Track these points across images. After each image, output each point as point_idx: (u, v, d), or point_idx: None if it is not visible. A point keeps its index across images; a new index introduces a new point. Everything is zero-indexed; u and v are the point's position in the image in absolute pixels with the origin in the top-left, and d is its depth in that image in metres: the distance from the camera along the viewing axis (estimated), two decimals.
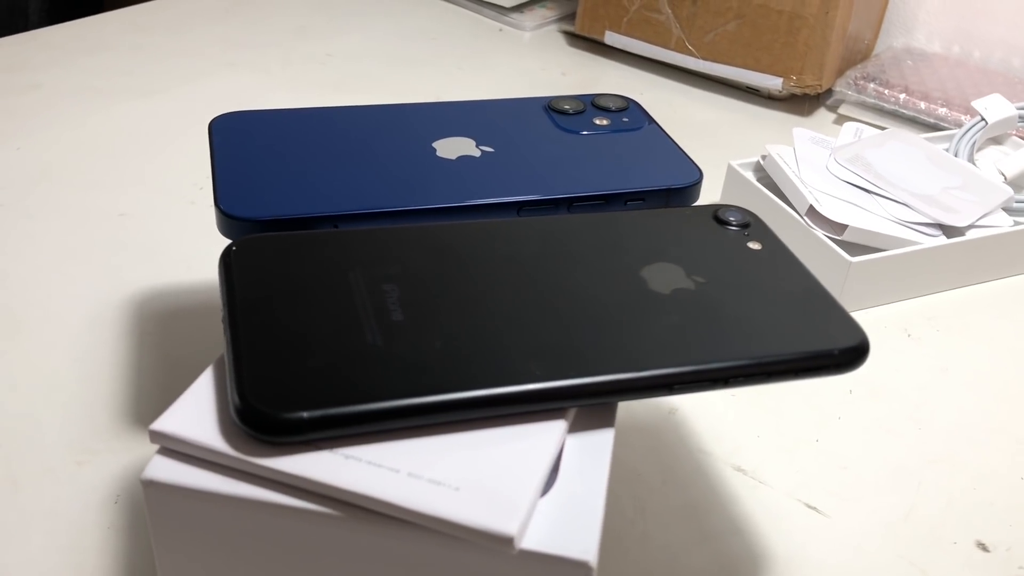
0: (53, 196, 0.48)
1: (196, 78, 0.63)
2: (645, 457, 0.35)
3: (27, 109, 0.56)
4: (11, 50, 0.65)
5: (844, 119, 0.64)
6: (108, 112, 0.57)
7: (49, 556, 0.29)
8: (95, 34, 0.68)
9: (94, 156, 0.52)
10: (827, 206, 0.45)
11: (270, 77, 0.64)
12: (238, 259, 0.26)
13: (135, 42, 0.68)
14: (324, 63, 0.67)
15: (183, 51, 0.67)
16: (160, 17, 0.73)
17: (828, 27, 0.61)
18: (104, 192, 0.49)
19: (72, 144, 0.53)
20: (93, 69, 0.62)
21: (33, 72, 0.61)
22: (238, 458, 0.22)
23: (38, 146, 0.52)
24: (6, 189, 0.48)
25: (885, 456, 0.36)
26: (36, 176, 0.50)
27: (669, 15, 0.67)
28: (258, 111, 0.35)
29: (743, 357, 0.25)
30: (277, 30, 0.72)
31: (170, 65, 0.64)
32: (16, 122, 0.55)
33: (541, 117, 0.37)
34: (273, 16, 0.75)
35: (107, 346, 0.38)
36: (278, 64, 0.66)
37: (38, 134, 0.54)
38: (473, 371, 0.23)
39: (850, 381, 0.40)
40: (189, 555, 0.23)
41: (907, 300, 0.46)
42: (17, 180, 0.49)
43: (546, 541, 0.21)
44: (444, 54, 0.71)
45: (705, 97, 0.67)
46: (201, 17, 0.73)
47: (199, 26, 0.72)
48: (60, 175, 0.50)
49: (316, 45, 0.70)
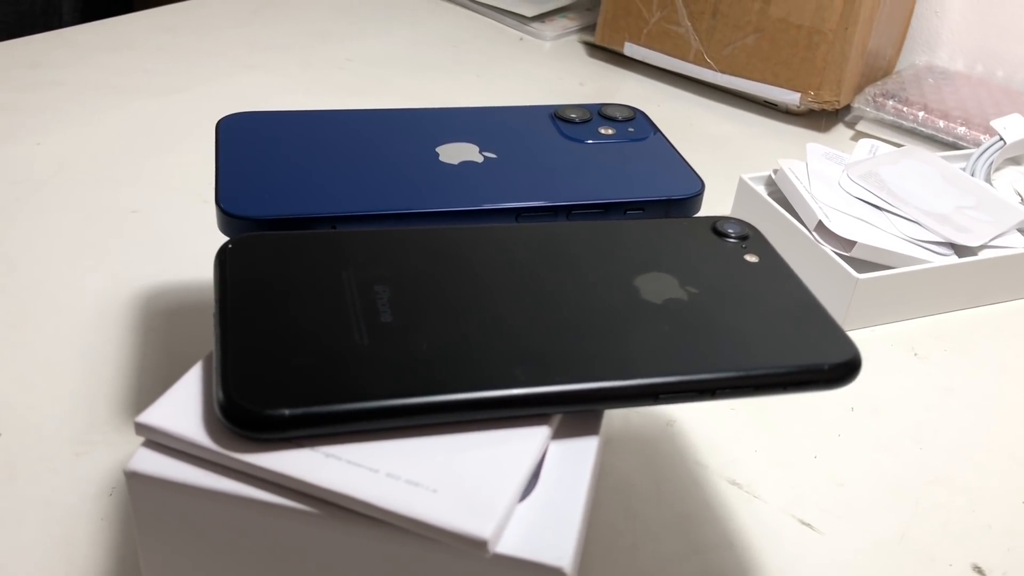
0: (67, 191, 0.49)
1: (216, 79, 0.64)
2: (639, 468, 0.35)
3: (49, 105, 0.57)
4: (38, 47, 0.66)
5: (862, 136, 0.63)
6: (127, 110, 0.58)
7: (41, 545, 0.30)
8: (120, 33, 0.69)
9: (110, 152, 0.53)
10: (836, 222, 0.45)
11: (289, 80, 0.65)
12: (233, 257, 0.26)
13: (159, 42, 0.69)
14: (343, 67, 0.68)
15: (205, 52, 0.68)
16: (186, 18, 0.74)
17: (847, 43, 0.61)
18: (118, 188, 0.49)
19: (89, 140, 0.54)
20: (115, 67, 0.63)
21: (57, 69, 0.62)
22: (220, 453, 0.22)
23: (56, 141, 0.53)
24: (22, 183, 0.49)
25: (883, 474, 0.36)
26: (52, 171, 0.50)
27: (688, 28, 0.66)
28: (265, 112, 0.35)
29: (730, 369, 0.25)
30: (300, 33, 0.73)
31: (191, 65, 0.65)
32: (38, 117, 0.56)
33: (547, 125, 0.37)
34: (297, 20, 0.76)
35: (112, 340, 0.39)
36: (298, 67, 0.67)
37: (58, 130, 0.55)
38: (457, 374, 0.23)
39: (852, 398, 0.40)
40: (171, 546, 0.23)
41: (915, 319, 0.45)
42: (34, 174, 0.50)
43: (521, 546, 0.21)
44: (463, 61, 0.71)
45: (723, 111, 0.67)
46: (227, 19, 0.74)
47: (224, 28, 0.72)
48: (76, 170, 0.51)
49: (336, 49, 0.71)
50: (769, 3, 0.62)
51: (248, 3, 0.78)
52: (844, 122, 0.66)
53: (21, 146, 0.52)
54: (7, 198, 0.48)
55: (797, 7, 0.61)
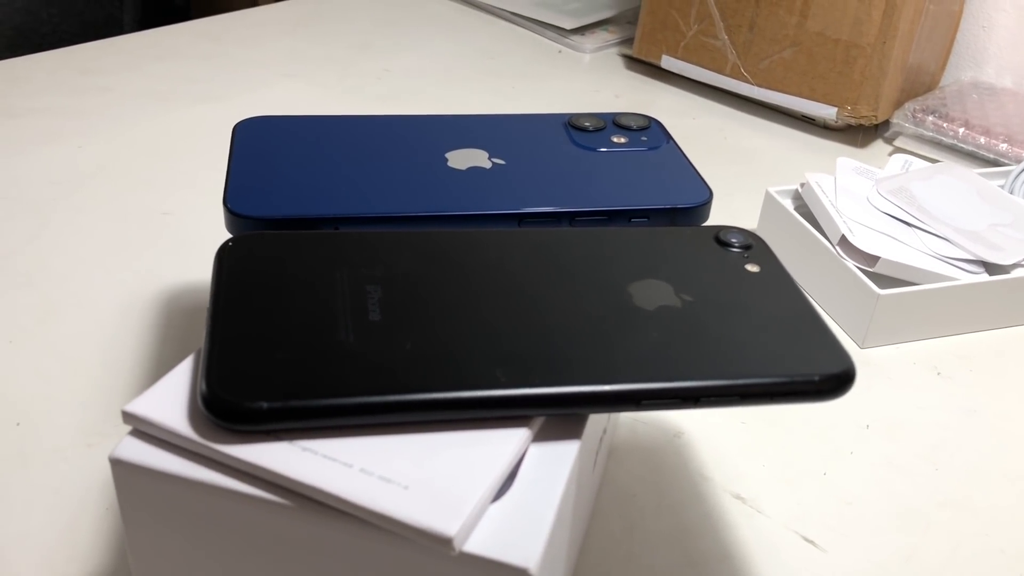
0: (103, 192, 0.50)
1: (256, 88, 0.65)
2: (643, 479, 0.35)
3: (93, 110, 0.59)
4: (89, 55, 0.68)
5: (901, 152, 0.62)
6: (167, 116, 0.59)
7: (47, 531, 0.30)
8: (168, 42, 0.71)
9: (147, 156, 0.54)
10: (860, 237, 0.44)
11: (326, 90, 0.66)
12: (232, 254, 0.27)
13: (204, 51, 0.70)
14: (380, 78, 0.69)
15: (248, 61, 0.69)
16: (232, 28, 0.75)
17: (885, 57, 0.60)
18: (152, 191, 0.51)
19: (129, 144, 0.55)
20: (160, 75, 0.65)
21: (105, 76, 0.64)
22: (200, 443, 0.22)
23: (97, 145, 0.55)
24: (61, 184, 0.51)
25: (894, 494, 0.35)
26: (91, 173, 0.52)
27: (725, 41, 0.66)
28: (282, 116, 0.36)
29: (715, 377, 0.24)
30: (341, 45, 0.74)
31: (233, 74, 0.67)
32: (82, 121, 0.58)
33: (559, 133, 0.37)
34: (339, 32, 0.77)
35: (132, 336, 0.40)
36: (336, 77, 0.68)
37: (99, 134, 0.56)
38: (437, 373, 0.23)
39: (868, 416, 0.39)
40: (154, 532, 0.24)
41: (941, 338, 0.44)
42: (73, 176, 0.51)
43: (489, 545, 0.21)
44: (500, 73, 0.71)
45: (759, 124, 0.66)
46: (271, 30, 0.76)
47: (267, 39, 0.74)
48: (113, 173, 0.52)
49: (375, 60, 0.72)
50: (806, 17, 0.62)
51: (293, 15, 0.80)
52: (883, 138, 0.65)
53: (64, 148, 0.54)
54: (45, 197, 0.49)
55: (835, 21, 0.61)
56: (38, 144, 0.55)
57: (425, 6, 0.85)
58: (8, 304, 0.41)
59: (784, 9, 0.62)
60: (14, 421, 0.35)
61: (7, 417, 0.35)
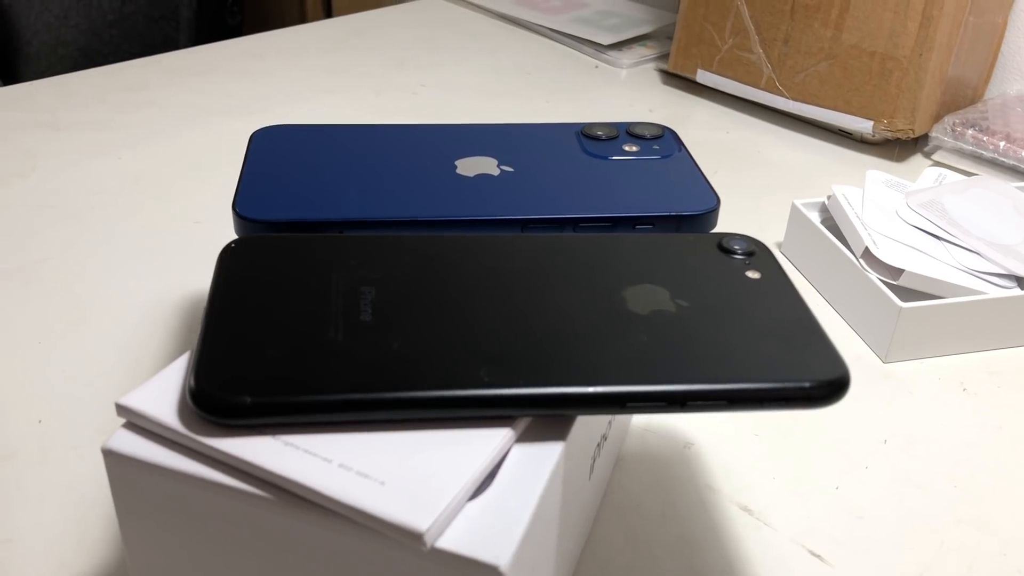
0: (138, 201, 0.52)
1: (294, 102, 0.66)
2: (648, 488, 0.34)
3: (136, 123, 0.61)
4: (136, 71, 0.70)
5: (940, 166, 0.61)
6: (206, 129, 0.61)
7: (57, 525, 0.31)
8: (212, 59, 0.73)
9: (184, 168, 0.56)
10: (884, 249, 0.43)
11: (362, 104, 0.67)
12: (233, 255, 0.28)
13: (246, 67, 0.72)
14: (416, 93, 0.70)
15: (288, 77, 0.71)
16: (275, 46, 0.77)
17: (922, 70, 0.59)
18: (185, 200, 0.52)
19: (167, 156, 0.57)
20: (202, 90, 0.67)
21: (151, 91, 0.66)
22: (187, 436, 0.23)
23: (137, 157, 0.57)
24: (99, 194, 0.52)
25: (909, 511, 0.34)
26: (128, 183, 0.54)
27: (760, 55, 0.66)
28: (298, 125, 0.37)
29: (702, 381, 0.24)
30: (379, 61, 0.75)
31: (272, 89, 0.68)
32: (123, 134, 0.59)
33: (571, 142, 0.37)
34: (379, 49, 0.78)
35: (156, 341, 0.41)
36: (373, 93, 0.69)
37: (139, 146, 0.58)
38: (420, 372, 0.24)
39: (886, 430, 0.38)
40: (146, 522, 0.24)
41: (969, 353, 0.43)
42: (111, 186, 0.53)
43: (462, 542, 0.21)
44: (535, 88, 0.72)
45: (794, 138, 0.66)
46: (313, 47, 0.78)
47: (309, 55, 0.76)
48: (149, 183, 0.54)
49: (412, 76, 0.73)
50: (842, 30, 0.61)
51: (334, 33, 0.81)
52: (922, 152, 0.63)
53: (105, 160, 0.56)
54: (84, 207, 0.51)
55: (870, 33, 0.60)
56: (82, 156, 0.56)
57: (464, 23, 0.86)
58: (41, 307, 0.42)
59: (819, 22, 0.62)
60: (36, 418, 0.36)
61: (30, 414, 0.36)
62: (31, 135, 0.59)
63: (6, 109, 0.62)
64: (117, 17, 1.25)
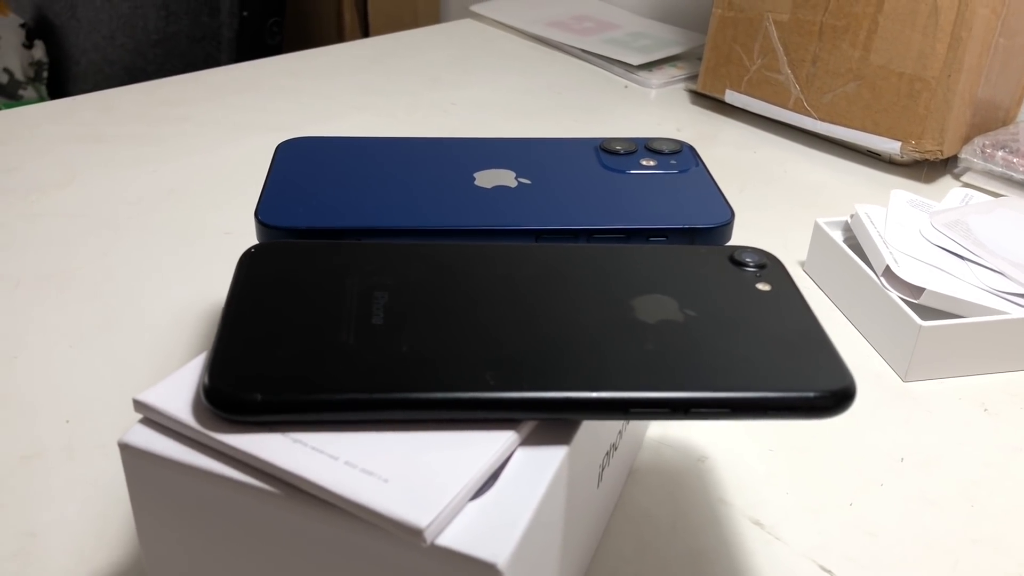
0: (171, 213, 0.53)
1: (327, 119, 0.68)
2: (660, 500, 0.35)
3: (171, 137, 0.63)
4: (175, 87, 0.72)
5: (969, 188, 0.60)
6: (239, 143, 0.62)
7: (79, 520, 0.32)
8: (248, 76, 0.75)
9: (217, 180, 0.57)
10: (905, 267, 0.43)
11: (394, 121, 0.68)
12: (252, 260, 0.29)
13: (282, 84, 0.74)
14: (447, 111, 0.71)
15: (321, 94, 0.72)
16: (310, 64, 0.79)
17: (950, 91, 0.58)
18: (216, 212, 0.53)
19: (200, 169, 0.58)
20: (237, 106, 0.69)
21: (187, 107, 0.68)
22: (198, 430, 0.24)
23: (171, 169, 0.58)
24: (134, 204, 0.54)
25: (924, 529, 0.34)
26: (162, 195, 0.55)
27: (788, 75, 0.66)
28: (323, 137, 0.38)
29: (706, 389, 0.24)
30: (412, 80, 0.77)
31: (306, 106, 0.70)
32: (159, 148, 0.61)
33: (589, 156, 0.38)
34: (412, 67, 0.79)
35: (182, 346, 0.42)
36: (404, 110, 0.70)
37: (174, 159, 0.60)
38: (427, 374, 0.24)
39: (903, 448, 0.38)
40: (159, 514, 0.25)
41: (992, 374, 0.43)
42: (145, 198, 0.55)
43: (461, 539, 0.22)
44: (565, 107, 0.73)
45: (822, 159, 0.66)
46: (348, 66, 0.79)
47: (343, 73, 0.77)
48: (182, 195, 0.55)
49: (444, 94, 0.74)
50: (870, 50, 0.61)
51: (369, 52, 0.83)
52: (952, 173, 0.63)
53: (140, 172, 0.58)
54: (119, 217, 0.52)
55: (898, 54, 0.60)
56: (119, 167, 0.58)
57: (497, 44, 0.87)
58: (74, 312, 0.44)
59: (847, 43, 0.62)
60: (64, 418, 0.37)
61: (59, 414, 0.37)
62: (71, 148, 0.60)
63: (49, 123, 0.64)
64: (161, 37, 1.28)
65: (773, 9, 0.65)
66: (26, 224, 0.51)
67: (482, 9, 0.93)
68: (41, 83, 1.31)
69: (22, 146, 0.61)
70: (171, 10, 1.27)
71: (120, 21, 1.28)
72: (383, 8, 1.21)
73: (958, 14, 0.57)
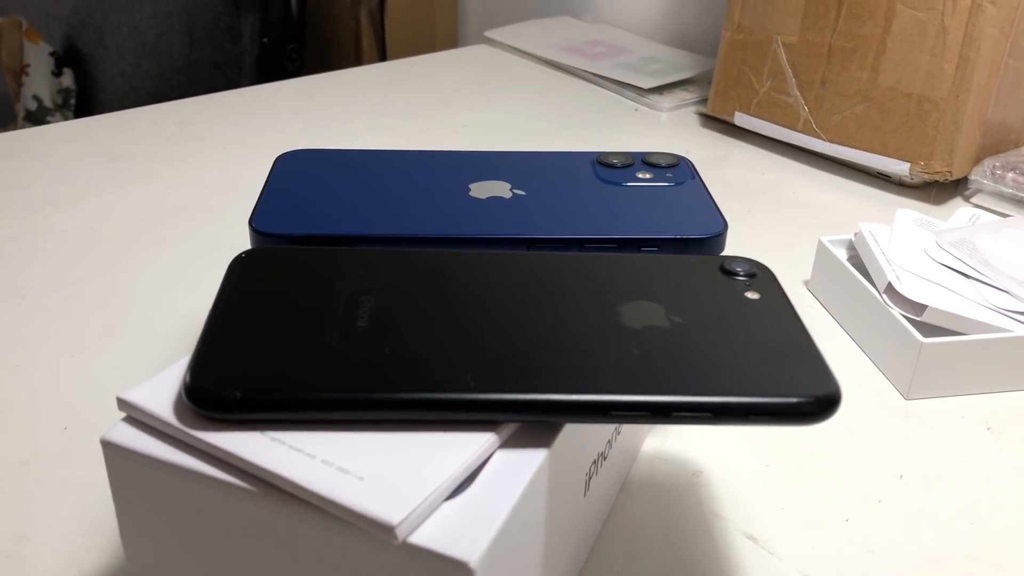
0: (182, 228, 0.54)
1: (339, 139, 0.68)
2: (653, 513, 0.34)
3: (185, 156, 0.64)
4: (192, 108, 0.73)
5: (979, 209, 0.60)
6: (252, 162, 0.63)
7: (73, 524, 0.32)
8: (263, 98, 0.76)
9: (227, 198, 0.58)
10: (907, 285, 0.43)
11: (405, 142, 0.69)
12: (242, 265, 0.29)
13: (296, 106, 0.75)
14: (457, 132, 0.71)
15: (334, 116, 0.73)
16: (325, 87, 0.80)
17: (959, 111, 0.58)
18: (226, 228, 0.54)
19: (212, 186, 0.59)
20: (251, 127, 0.70)
21: (203, 127, 0.69)
22: (178, 428, 0.24)
23: (185, 186, 0.59)
24: (145, 220, 0.54)
25: (921, 546, 0.33)
26: (173, 211, 0.56)
27: (797, 97, 0.66)
28: (321, 149, 0.38)
29: (688, 393, 0.24)
30: (425, 101, 0.77)
31: (319, 127, 0.71)
32: (173, 166, 0.62)
33: (585, 169, 0.38)
34: (426, 90, 0.80)
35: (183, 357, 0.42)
36: (417, 131, 0.71)
37: (186, 177, 0.60)
38: (407, 375, 0.24)
39: (902, 465, 0.37)
40: (140, 510, 0.25)
41: (997, 392, 0.42)
42: (156, 213, 0.55)
43: (434, 538, 0.22)
44: (574, 129, 0.73)
45: (831, 180, 0.65)
46: (362, 88, 0.80)
47: (357, 96, 0.78)
48: (193, 211, 0.56)
49: (456, 116, 0.75)
50: (878, 71, 0.61)
51: (384, 75, 0.84)
52: (962, 195, 0.63)
53: (153, 189, 0.59)
54: (130, 231, 0.53)
55: (907, 75, 0.60)
56: (131, 184, 0.59)
57: (510, 67, 0.88)
58: (79, 322, 0.44)
59: (856, 64, 0.62)
60: (63, 424, 0.37)
61: (58, 420, 0.37)
62: (86, 165, 0.62)
63: (66, 141, 0.65)
64: (185, 63, 1.30)
65: (782, 31, 0.66)
66: (36, 238, 0.52)
67: (496, 35, 0.94)
68: (69, 110, 1.33)
69: (39, 163, 0.62)
70: (195, 37, 1.29)
71: (146, 48, 1.30)
72: (400, 34, 1.23)
73: (966, 34, 0.57)
